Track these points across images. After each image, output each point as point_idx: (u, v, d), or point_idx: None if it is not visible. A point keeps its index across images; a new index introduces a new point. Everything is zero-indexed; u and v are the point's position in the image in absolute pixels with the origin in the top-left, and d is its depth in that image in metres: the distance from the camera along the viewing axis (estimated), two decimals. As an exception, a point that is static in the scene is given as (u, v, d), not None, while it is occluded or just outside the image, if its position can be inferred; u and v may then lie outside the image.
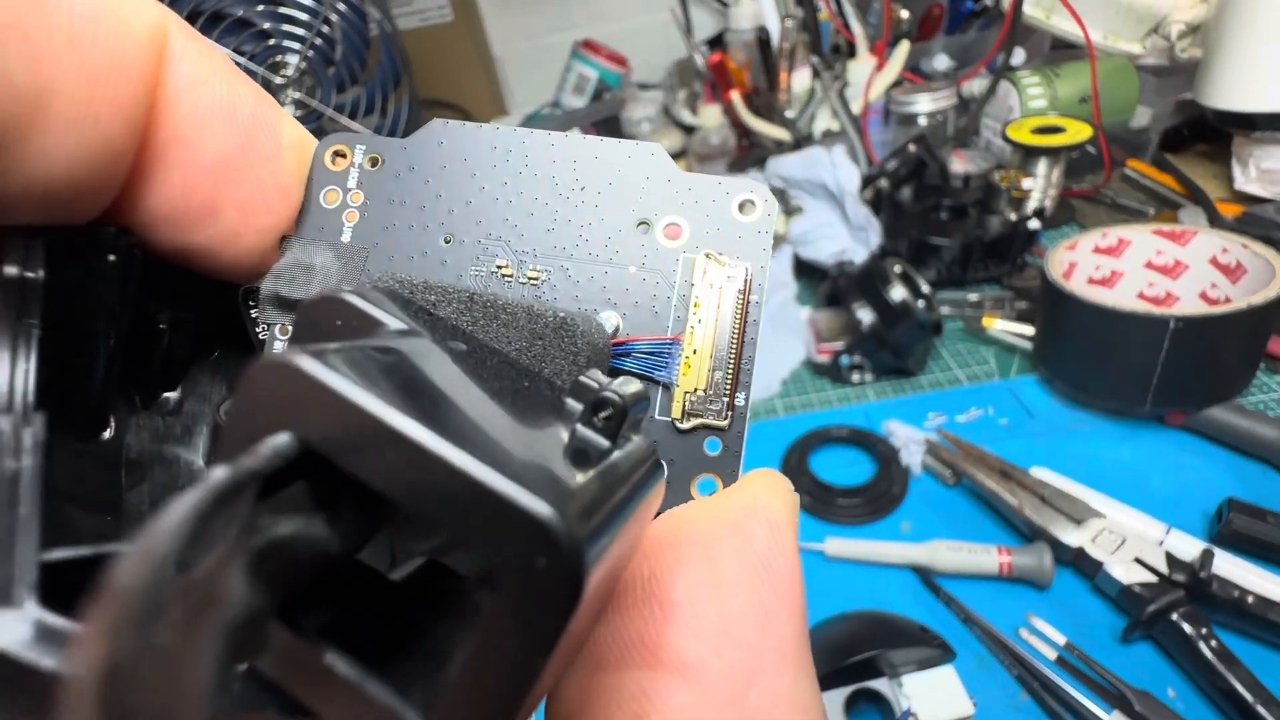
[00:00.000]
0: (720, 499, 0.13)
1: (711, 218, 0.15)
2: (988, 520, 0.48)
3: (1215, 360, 0.46)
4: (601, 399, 0.11)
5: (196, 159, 0.10)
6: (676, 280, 0.15)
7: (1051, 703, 0.37)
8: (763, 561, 0.11)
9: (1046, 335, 0.55)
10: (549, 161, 0.15)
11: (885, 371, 0.61)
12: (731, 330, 0.14)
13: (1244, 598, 0.37)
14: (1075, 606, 0.42)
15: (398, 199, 0.15)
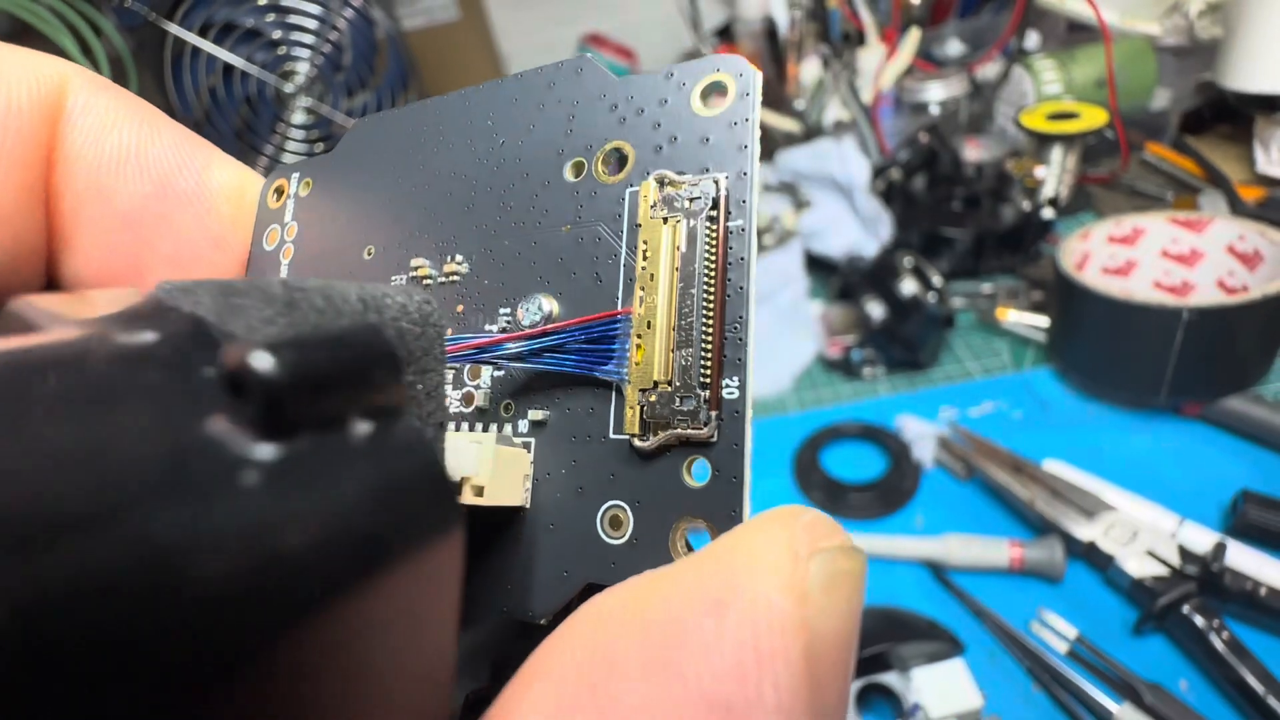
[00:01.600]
0: (687, 573, 0.07)
1: (664, 126, 0.10)
2: (1000, 514, 0.48)
3: (1231, 350, 0.45)
4: (235, 372, 0.06)
5: (110, 211, 0.09)
6: (624, 228, 0.10)
7: (1062, 695, 0.37)
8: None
9: (1060, 327, 0.54)
10: (465, 125, 0.12)
11: (897, 365, 0.61)
12: (703, 280, 0.09)
13: (1257, 590, 0.37)
14: (1087, 599, 0.42)
15: (328, 218, 0.13)
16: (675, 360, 0.09)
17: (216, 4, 0.60)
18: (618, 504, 0.09)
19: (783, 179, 0.74)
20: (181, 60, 0.61)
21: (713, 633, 0.06)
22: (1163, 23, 0.82)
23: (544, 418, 0.11)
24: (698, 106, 0.10)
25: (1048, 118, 0.73)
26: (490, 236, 0.12)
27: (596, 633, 0.07)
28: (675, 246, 0.09)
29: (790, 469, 0.55)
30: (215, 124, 0.65)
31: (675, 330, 0.09)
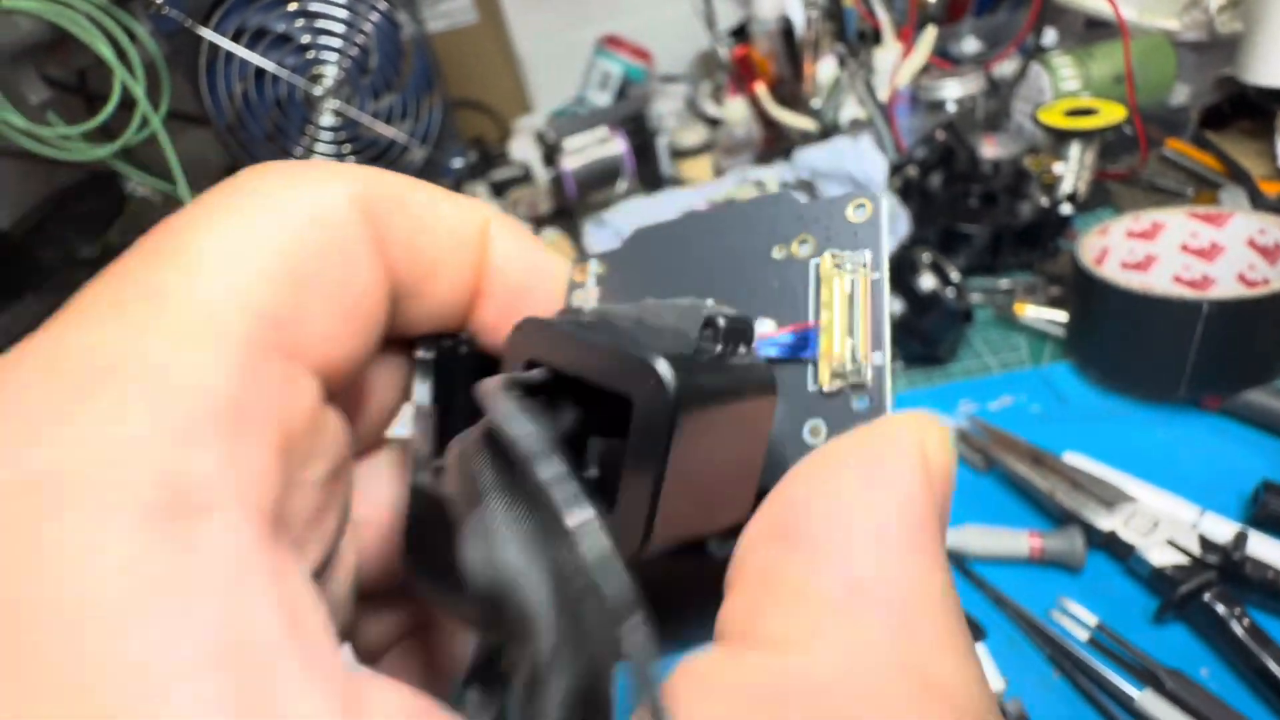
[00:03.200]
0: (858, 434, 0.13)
1: (832, 229, 0.17)
2: (1019, 505, 0.48)
3: (1251, 343, 0.46)
4: (709, 318, 0.14)
5: (507, 287, 0.17)
6: (810, 281, 0.17)
7: (1084, 681, 0.38)
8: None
9: (1078, 322, 0.55)
10: (706, 229, 0.19)
11: (917, 360, 0.62)
12: (860, 304, 0.16)
13: (1278, 578, 0.38)
14: (1107, 588, 0.42)
15: (620, 289, 0.20)
16: (845, 343, 0.16)
17: (249, 10, 0.62)
18: (816, 420, 0.15)
19: (801, 177, 0.75)
20: (215, 64, 0.63)
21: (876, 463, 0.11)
22: (1181, 18, 0.82)
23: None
24: (850, 217, 0.16)
25: (1065, 114, 0.73)
26: (729, 291, 0.18)
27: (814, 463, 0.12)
28: (844, 290, 0.16)
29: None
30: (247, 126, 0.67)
31: (846, 329, 0.16)
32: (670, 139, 0.97)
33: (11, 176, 1.16)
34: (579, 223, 0.86)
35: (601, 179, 0.89)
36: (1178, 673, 0.37)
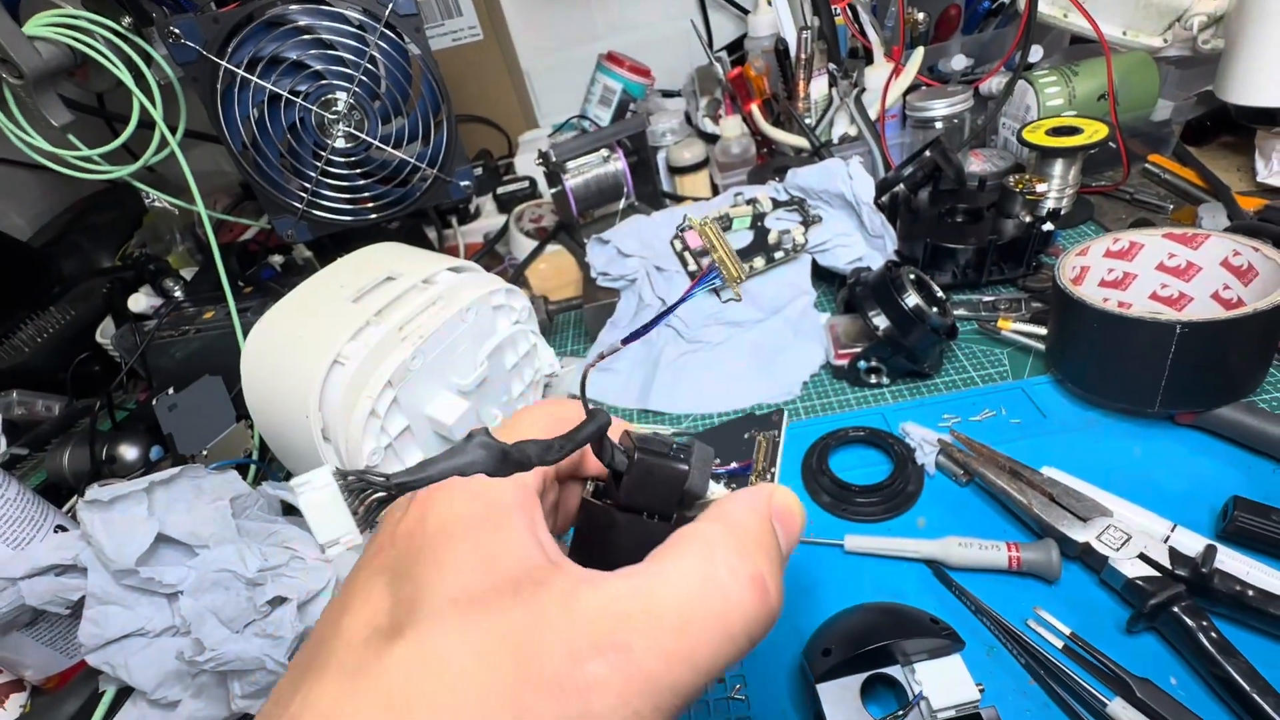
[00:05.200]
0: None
1: (769, 427, 0.36)
2: (999, 516, 0.50)
3: (1223, 363, 0.47)
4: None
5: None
6: (753, 447, 0.35)
7: (1057, 689, 0.40)
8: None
9: (1057, 338, 0.57)
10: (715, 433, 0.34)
11: (902, 374, 0.64)
12: (767, 452, 0.32)
13: (1245, 591, 0.39)
14: (1082, 599, 0.44)
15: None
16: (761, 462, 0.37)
17: (263, 39, 0.65)
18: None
19: (792, 195, 0.77)
20: (231, 90, 0.66)
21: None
22: (1164, 36, 0.84)
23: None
24: (774, 419, 0.43)
25: (1049, 132, 0.75)
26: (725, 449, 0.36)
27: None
28: (764, 449, 0.41)
29: (799, 471, 0.57)
30: (262, 149, 0.69)
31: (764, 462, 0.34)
32: (668, 155, 0.99)
33: (33, 189, 1.19)
34: (581, 236, 0.88)
35: (601, 196, 0.91)
36: (1147, 681, 0.38)
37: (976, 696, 0.37)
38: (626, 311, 0.75)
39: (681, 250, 0.76)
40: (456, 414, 0.53)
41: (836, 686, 0.39)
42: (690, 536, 0.19)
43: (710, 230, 0.76)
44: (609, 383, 0.73)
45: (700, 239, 0.76)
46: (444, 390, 0.55)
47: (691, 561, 0.18)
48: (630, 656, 0.16)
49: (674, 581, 0.18)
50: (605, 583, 0.18)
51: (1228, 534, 0.43)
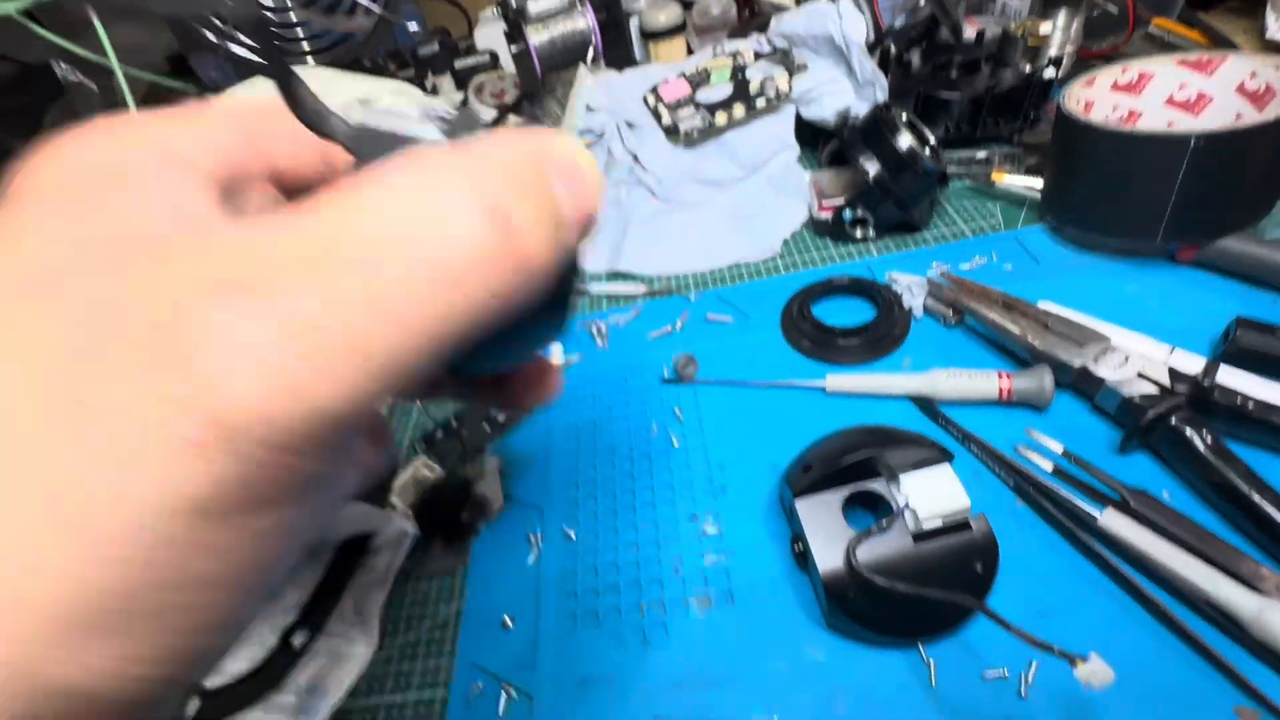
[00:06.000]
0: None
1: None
2: (989, 354, 0.47)
3: (1236, 182, 0.44)
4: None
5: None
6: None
7: (1047, 506, 0.37)
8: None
9: (1057, 176, 0.53)
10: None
11: (889, 227, 0.60)
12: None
13: (1245, 404, 0.37)
14: (1074, 426, 0.42)
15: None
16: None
17: None
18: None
19: (777, 44, 0.70)
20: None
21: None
22: (1180, -116, 0.77)
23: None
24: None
25: (1055, -20, 0.69)
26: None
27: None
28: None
29: (778, 322, 0.54)
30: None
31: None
32: (641, 19, 0.91)
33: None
34: (546, 103, 0.81)
35: (568, 55, 0.83)
36: (1142, 492, 0.36)
37: (967, 504, 0.34)
38: (594, 168, 0.69)
39: (655, 105, 0.70)
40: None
41: (816, 502, 0.36)
42: (406, 163, 0.13)
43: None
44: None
45: (675, 92, 0.70)
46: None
47: (399, 183, 0.12)
48: (277, 301, 0.11)
49: (365, 208, 0.12)
50: (270, 221, 0.12)
51: (1229, 355, 0.41)
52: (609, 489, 0.46)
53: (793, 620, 0.36)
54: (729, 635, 0.37)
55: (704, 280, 0.61)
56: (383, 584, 0.42)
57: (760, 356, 0.52)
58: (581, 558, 0.42)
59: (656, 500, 0.44)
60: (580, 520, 0.44)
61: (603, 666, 0.37)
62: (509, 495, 0.47)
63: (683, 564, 0.40)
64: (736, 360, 0.52)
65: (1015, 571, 0.36)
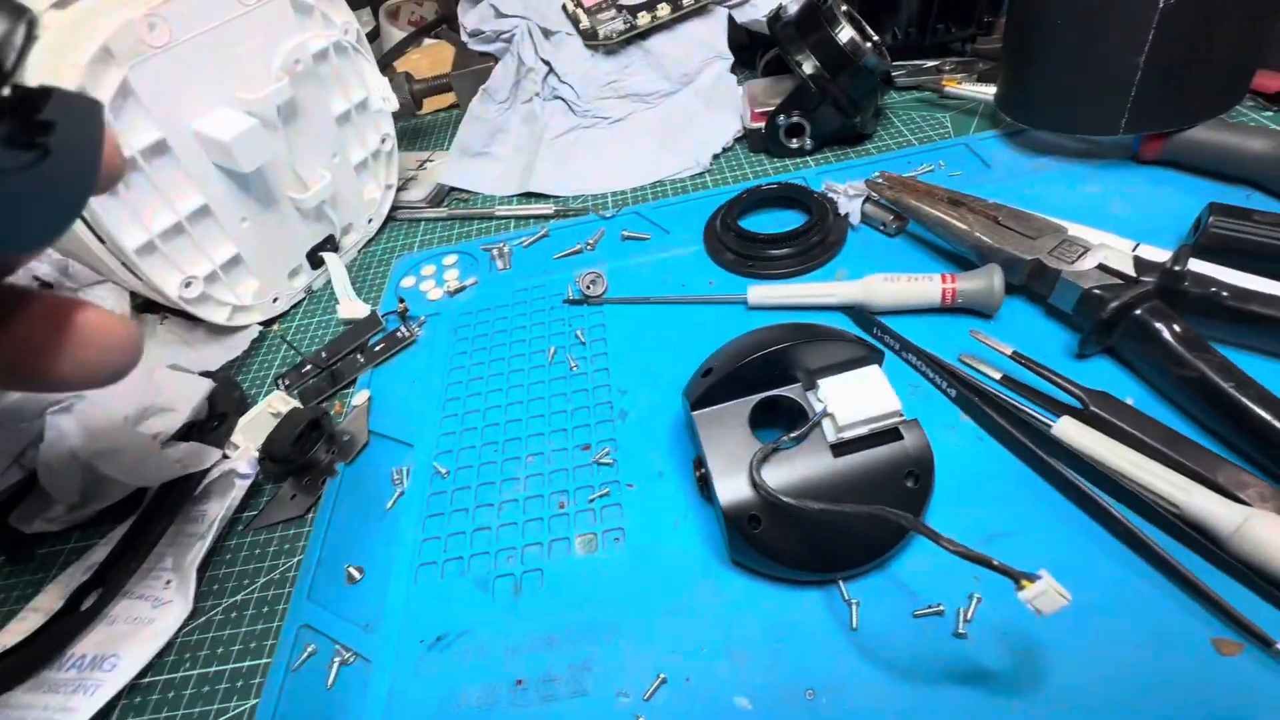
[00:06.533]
0: None
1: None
2: (935, 262, 0.41)
3: (1206, 56, 0.39)
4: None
5: None
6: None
7: (995, 417, 0.31)
8: None
9: (1012, 65, 0.47)
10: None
11: (828, 138, 0.53)
12: None
13: (1219, 292, 0.32)
14: (1027, 330, 0.36)
15: None
16: None
17: None
18: None
19: (709, -55, 0.63)
20: None
21: None
22: None
23: None
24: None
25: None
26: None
27: None
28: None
29: (701, 237, 0.47)
30: None
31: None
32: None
33: None
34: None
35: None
36: (1102, 394, 0.30)
37: (897, 406, 0.28)
38: (504, 78, 0.61)
39: (574, 9, 0.62)
40: (237, 129, 0.39)
41: (719, 414, 0.30)
42: None
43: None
44: (486, 170, 0.60)
45: (597, -4, 0.62)
46: (223, 105, 0.40)
47: None
48: None
49: None
50: None
51: (1201, 246, 0.35)
52: (494, 420, 0.39)
53: (692, 558, 0.30)
54: (616, 579, 0.30)
55: (624, 199, 0.54)
56: (206, 536, 0.34)
57: (679, 274, 0.45)
58: (453, 498, 0.35)
59: (548, 429, 0.37)
60: (456, 456, 0.37)
61: (462, 622, 0.30)
62: (376, 431, 0.40)
63: (570, 500, 0.34)
64: (652, 279, 0.45)
65: (957, 493, 0.30)
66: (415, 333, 0.45)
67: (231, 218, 0.44)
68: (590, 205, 0.54)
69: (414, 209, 0.58)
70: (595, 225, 0.52)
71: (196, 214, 0.41)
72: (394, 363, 0.44)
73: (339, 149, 0.50)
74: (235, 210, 0.44)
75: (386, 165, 0.56)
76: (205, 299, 0.44)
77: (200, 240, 0.42)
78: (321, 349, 0.46)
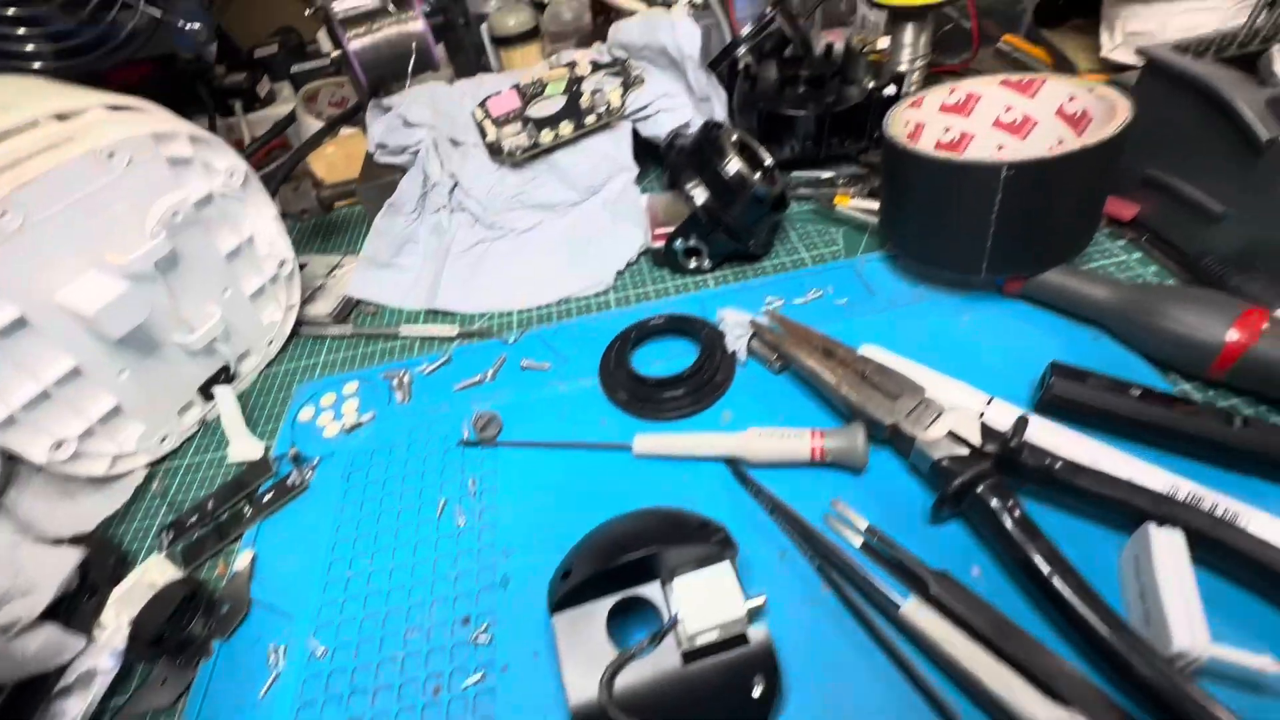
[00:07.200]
0: None
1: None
2: (813, 404, 0.43)
3: (1050, 213, 0.41)
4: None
5: None
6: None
7: (850, 592, 0.33)
8: None
9: (888, 202, 0.49)
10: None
11: (726, 257, 0.55)
12: None
13: (1052, 465, 0.34)
14: (889, 489, 0.38)
15: None
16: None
17: None
18: None
19: (615, 54, 0.65)
20: None
21: None
22: (1021, -101, 0.77)
23: None
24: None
25: (900, -8, 0.67)
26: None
27: None
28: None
29: (598, 369, 0.48)
30: None
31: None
32: (490, 22, 0.83)
33: None
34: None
35: (399, 63, 0.74)
36: (944, 575, 0.32)
37: (741, 615, 0.29)
38: (410, 192, 0.61)
39: (482, 119, 0.62)
40: (102, 300, 0.38)
41: (577, 616, 0.30)
42: None
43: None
44: (395, 281, 0.60)
45: (505, 105, 0.63)
46: (92, 269, 0.39)
47: None
48: None
49: None
50: None
51: (1045, 403, 0.38)
52: (378, 585, 0.38)
53: (558, 755, 0.30)
54: (482, 781, 0.30)
55: (528, 318, 0.55)
56: (65, 737, 0.33)
57: (575, 411, 0.46)
58: (328, 683, 0.35)
59: (430, 597, 0.37)
60: (337, 630, 0.37)
61: (325, 834, 0.29)
62: (258, 599, 0.39)
63: (445, 686, 0.34)
64: (549, 415, 0.46)
65: (814, 674, 0.31)
66: (307, 478, 0.45)
67: (108, 373, 0.42)
68: (494, 325, 0.54)
69: (319, 326, 0.58)
70: (497, 350, 0.52)
71: (66, 378, 0.40)
72: (284, 513, 0.44)
73: (231, 283, 0.49)
74: (112, 366, 0.43)
75: (287, 287, 0.55)
76: (80, 456, 0.43)
77: (72, 400, 0.41)
78: (210, 495, 0.45)
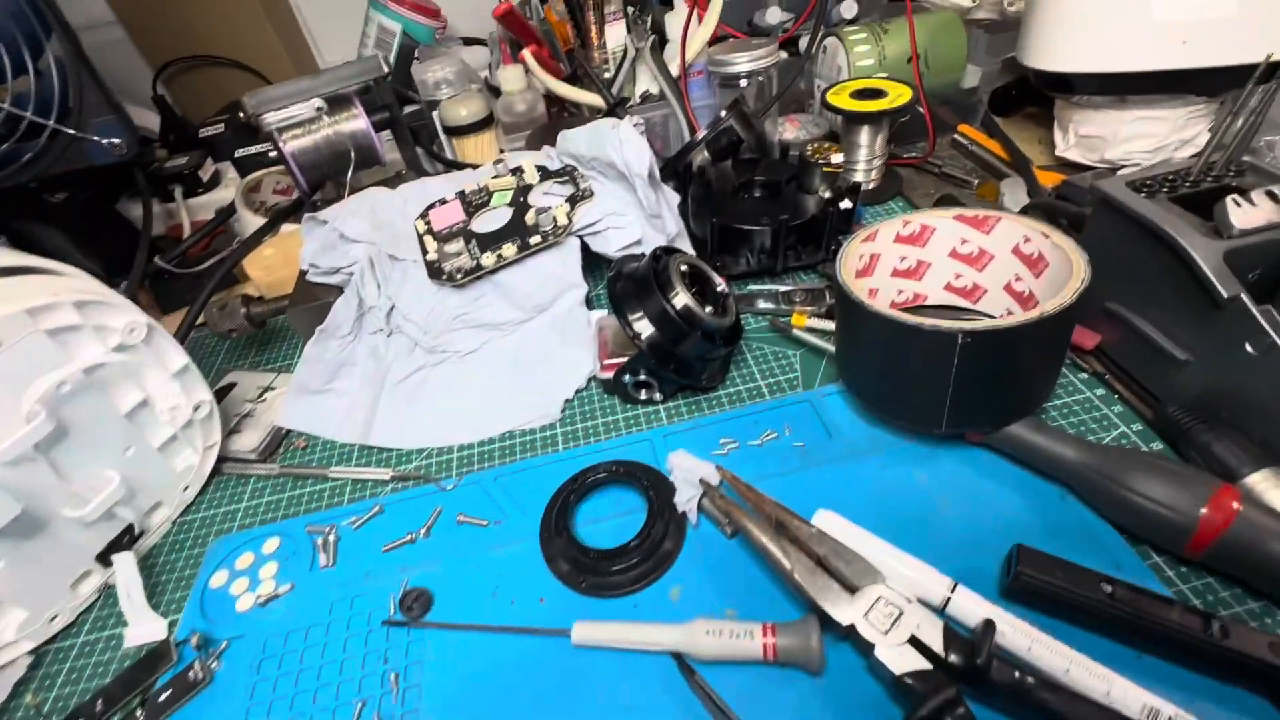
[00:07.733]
0: None
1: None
2: (768, 581, 0.40)
3: (1009, 374, 0.39)
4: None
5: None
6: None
7: (805, 841, 0.29)
8: None
9: (843, 343, 0.47)
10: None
11: (679, 388, 0.52)
12: None
13: (1024, 680, 0.31)
14: (848, 696, 0.34)
15: None
16: None
17: None
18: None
19: (564, 163, 0.62)
20: None
21: None
22: (973, -5, 0.77)
23: None
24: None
25: (854, 95, 0.66)
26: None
27: None
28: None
29: (539, 527, 0.44)
30: None
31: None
32: (441, 112, 0.81)
33: None
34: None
35: (340, 162, 0.71)
36: (908, 824, 0.29)
37: None
38: (344, 316, 0.57)
39: (424, 233, 0.59)
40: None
41: None
42: None
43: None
44: (330, 409, 0.56)
45: (448, 217, 0.60)
46: (-44, 464, 0.35)
47: None
48: None
49: None
50: None
51: (1012, 591, 0.35)
52: (280, 819, 0.34)
53: None
54: None
55: (469, 456, 0.51)
56: None
57: (513, 579, 0.42)
58: None
59: (338, 838, 0.33)
60: None
61: None
62: (142, 839, 0.34)
63: None
64: (484, 583, 0.42)
65: None
66: (211, 671, 0.40)
67: (-20, 567, 0.38)
68: (432, 467, 0.51)
69: (243, 462, 0.54)
70: (433, 501, 0.48)
71: (-75, 585, 0.36)
72: (183, 713, 0.39)
73: (135, 441, 0.45)
74: (-15, 558, 0.38)
75: (205, 428, 0.51)
76: (-53, 662, 0.38)
77: (-64, 604, 0.36)
78: (99, 692, 0.40)
